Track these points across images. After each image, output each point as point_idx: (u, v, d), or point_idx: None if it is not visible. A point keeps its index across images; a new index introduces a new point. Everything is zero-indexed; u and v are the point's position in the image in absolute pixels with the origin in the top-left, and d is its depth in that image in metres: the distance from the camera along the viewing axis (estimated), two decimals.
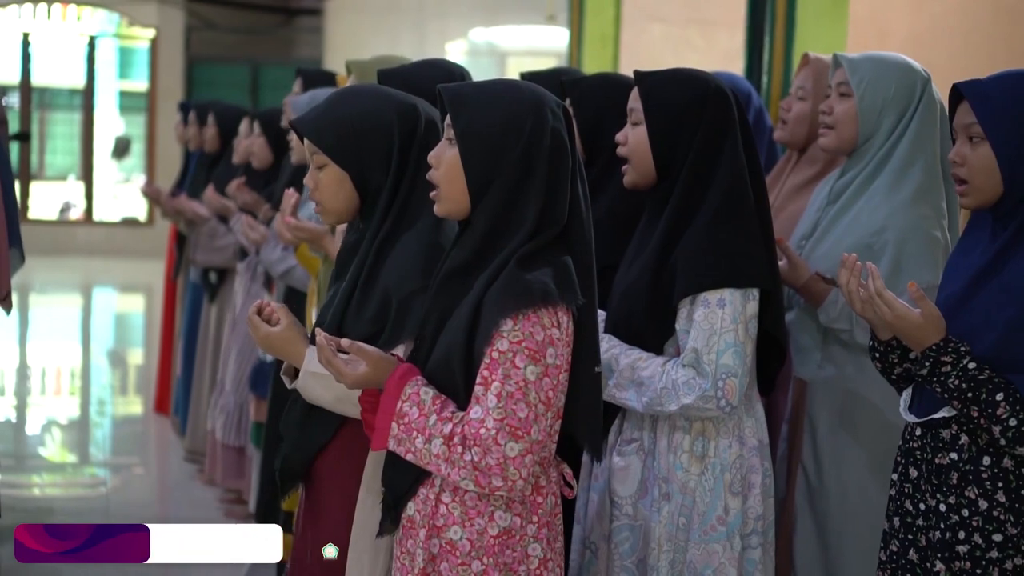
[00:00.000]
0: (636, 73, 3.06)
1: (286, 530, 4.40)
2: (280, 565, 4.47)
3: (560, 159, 2.40)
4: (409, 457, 2.38)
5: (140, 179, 18.54)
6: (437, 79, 3.32)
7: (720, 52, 7.59)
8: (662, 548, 2.94)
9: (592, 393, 2.47)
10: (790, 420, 3.39)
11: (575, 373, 2.40)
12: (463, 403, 2.37)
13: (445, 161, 2.43)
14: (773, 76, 5.16)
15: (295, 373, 2.73)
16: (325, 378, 2.57)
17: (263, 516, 4.69)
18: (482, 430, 2.30)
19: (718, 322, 2.85)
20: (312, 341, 2.68)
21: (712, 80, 3.02)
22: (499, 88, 2.45)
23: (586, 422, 2.47)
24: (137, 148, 19.19)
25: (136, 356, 10.98)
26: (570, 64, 7.85)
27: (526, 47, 14.79)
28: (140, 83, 18.65)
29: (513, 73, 13.53)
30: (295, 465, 2.78)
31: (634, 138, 3.01)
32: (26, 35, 17.61)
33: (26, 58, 17.56)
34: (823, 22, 5.09)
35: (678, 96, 2.98)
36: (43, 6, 17.91)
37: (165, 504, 6.46)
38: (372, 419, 2.45)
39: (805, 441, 3.34)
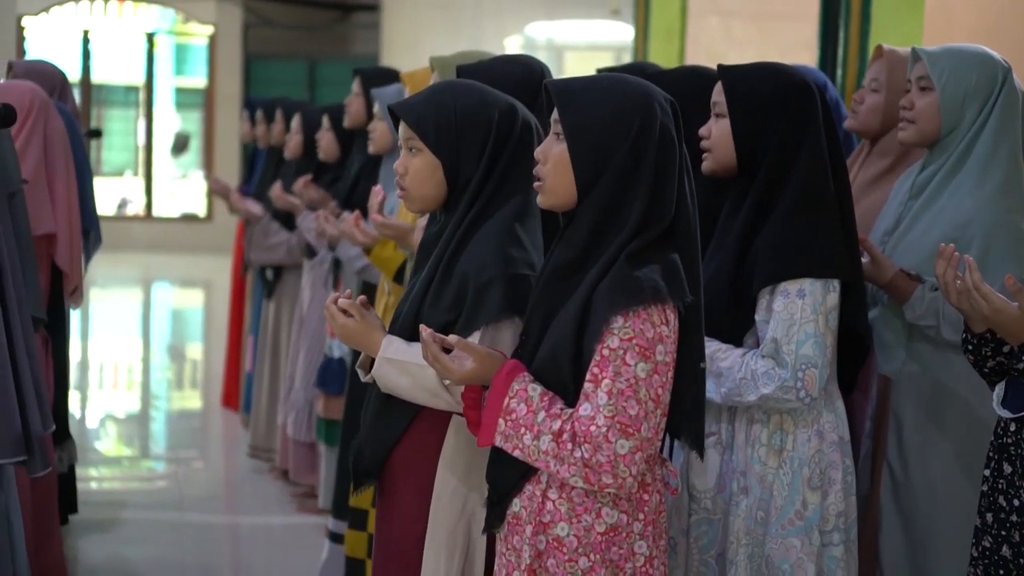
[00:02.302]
0: (720, 67, 3.07)
1: (355, 527, 4.42)
2: (349, 561, 4.48)
3: (668, 154, 2.40)
4: (516, 453, 2.39)
5: (197, 175, 18.67)
6: (516, 75, 3.35)
7: (776, 45, 7.53)
8: (740, 542, 2.94)
9: (696, 389, 2.47)
10: (874, 417, 3.36)
11: (680, 369, 2.40)
12: (570, 400, 2.37)
13: (553, 156, 2.43)
14: (848, 69, 5.11)
15: (370, 367, 2.75)
16: (400, 364, 2.61)
17: (339, 511, 4.69)
18: (592, 427, 2.29)
19: (798, 312, 2.84)
20: (390, 331, 2.71)
21: (796, 73, 3.02)
22: (607, 83, 2.44)
23: (690, 418, 2.48)
24: (194, 144, 19.32)
25: (195, 351, 11.06)
26: (635, 58, 7.82)
27: (584, 42, 14.77)
28: (195, 79, 18.78)
29: (572, 69, 13.53)
30: (369, 460, 2.79)
31: (717, 130, 3.02)
32: (86, 32, 17.75)
33: (86, 55, 17.70)
34: (899, 15, 5.03)
35: (762, 89, 2.98)
36: (100, 3, 18.06)
37: (236, 498, 6.51)
38: (474, 415, 2.47)
39: (890, 438, 3.31)
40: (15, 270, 3.05)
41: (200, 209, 18.26)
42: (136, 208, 18.46)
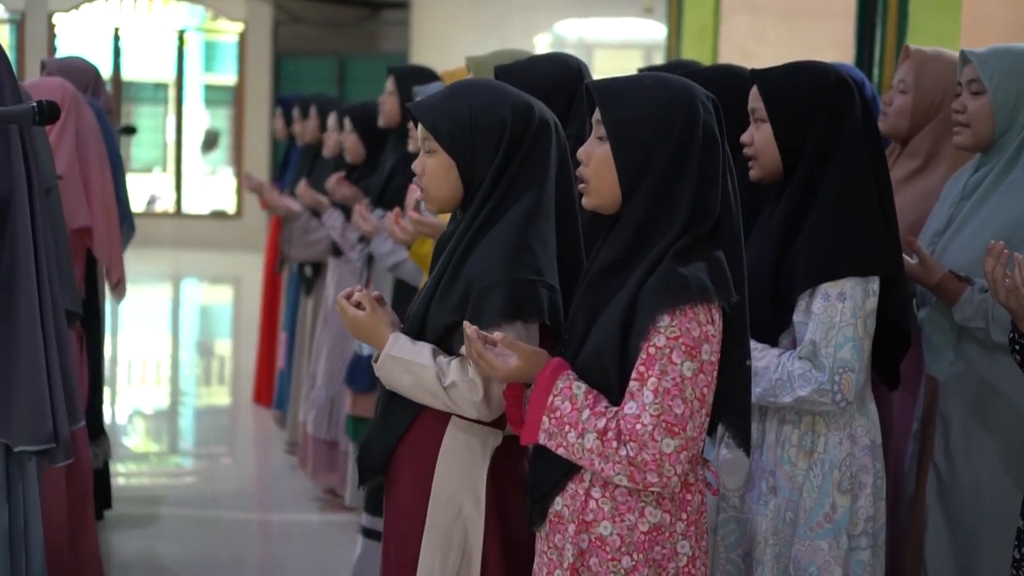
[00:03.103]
0: (753, 72, 3.06)
1: None
2: None
3: (711, 153, 2.40)
4: (560, 451, 2.39)
5: (227, 172, 18.73)
6: (554, 74, 3.34)
7: (809, 44, 7.49)
8: (768, 542, 2.93)
9: (742, 387, 2.46)
10: (922, 418, 3.34)
11: (725, 367, 2.40)
12: (615, 399, 2.37)
13: (596, 157, 2.43)
14: (885, 69, 5.09)
15: None
16: (404, 362, 2.62)
17: (373, 507, 4.68)
18: (638, 426, 2.29)
19: (837, 315, 2.83)
20: (401, 329, 2.72)
21: (831, 69, 3.00)
22: (649, 82, 2.44)
23: (736, 416, 2.47)
24: (223, 141, 19.39)
25: (224, 347, 11.09)
26: (667, 57, 7.79)
27: (615, 40, 14.74)
28: (225, 76, 18.84)
29: (603, 67, 13.51)
30: (373, 457, 2.80)
31: (759, 136, 3.00)
32: (116, 29, 17.82)
33: (116, 52, 17.77)
34: (936, 14, 5.01)
35: (798, 89, 2.96)
36: (130, 0, 18.12)
37: (267, 494, 6.54)
38: (516, 413, 2.47)
39: (937, 439, 3.28)
40: (51, 268, 3.06)
41: (229, 206, 18.33)
42: (165, 205, 18.54)
